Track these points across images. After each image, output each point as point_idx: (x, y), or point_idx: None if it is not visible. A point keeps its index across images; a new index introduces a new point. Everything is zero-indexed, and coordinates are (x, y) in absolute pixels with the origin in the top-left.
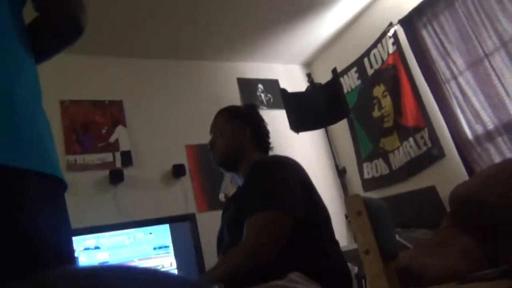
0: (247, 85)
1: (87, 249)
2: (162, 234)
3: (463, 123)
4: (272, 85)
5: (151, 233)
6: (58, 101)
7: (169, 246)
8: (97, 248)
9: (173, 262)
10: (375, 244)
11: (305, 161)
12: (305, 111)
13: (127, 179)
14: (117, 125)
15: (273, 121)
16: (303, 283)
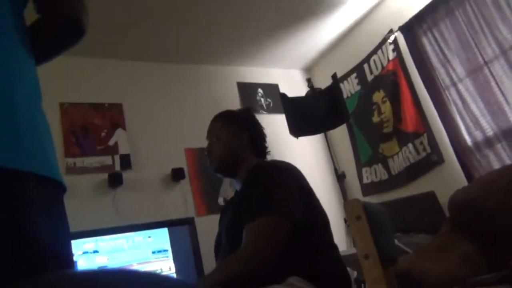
0: (247, 89)
1: (86, 252)
2: (161, 238)
3: (462, 129)
4: (272, 89)
5: (150, 237)
6: (58, 103)
7: (168, 250)
8: (96, 251)
9: (172, 266)
10: (374, 249)
11: (304, 165)
12: (304, 116)
13: (126, 182)
14: (117, 128)
15: (272, 125)
16: (302, 287)
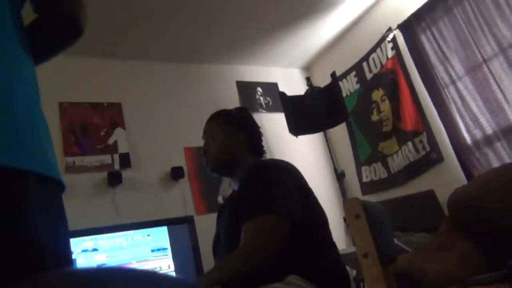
0: (246, 88)
1: (85, 251)
2: (160, 236)
3: (461, 127)
4: (271, 88)
5: (149, 235)
6: (57, 102)
7: (167, 248)
8: (95, 250)
9: (171, 265)
10: (373, 248)
11: (303, 164)
12: (304, 114)
13: (126, 181)
14: (116, 127)
15: (272, 124)
16: (301, 285)
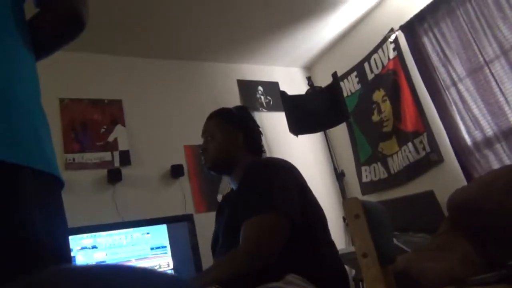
0: (247, 87)
1: (84, 248)
2: (160, 234)
3: (462, 129)
4: (272, 87)
5: (148, 233)
6: (57, 99)
7: (166, 246)
8: (94, 247)
9: (170, 263)
10: (373, 248)
11: (303, 163)
12: (304, 114)
13: (125, 178)
14: (116, 124)
15: (272, 123)
16: (300, 284)
